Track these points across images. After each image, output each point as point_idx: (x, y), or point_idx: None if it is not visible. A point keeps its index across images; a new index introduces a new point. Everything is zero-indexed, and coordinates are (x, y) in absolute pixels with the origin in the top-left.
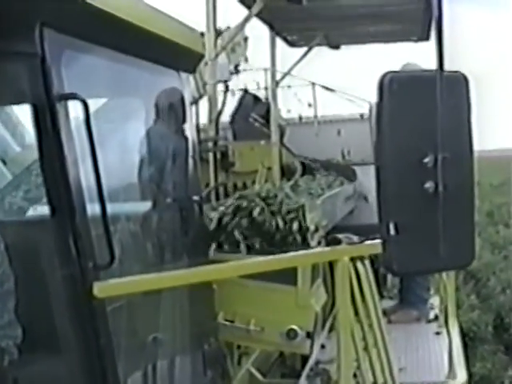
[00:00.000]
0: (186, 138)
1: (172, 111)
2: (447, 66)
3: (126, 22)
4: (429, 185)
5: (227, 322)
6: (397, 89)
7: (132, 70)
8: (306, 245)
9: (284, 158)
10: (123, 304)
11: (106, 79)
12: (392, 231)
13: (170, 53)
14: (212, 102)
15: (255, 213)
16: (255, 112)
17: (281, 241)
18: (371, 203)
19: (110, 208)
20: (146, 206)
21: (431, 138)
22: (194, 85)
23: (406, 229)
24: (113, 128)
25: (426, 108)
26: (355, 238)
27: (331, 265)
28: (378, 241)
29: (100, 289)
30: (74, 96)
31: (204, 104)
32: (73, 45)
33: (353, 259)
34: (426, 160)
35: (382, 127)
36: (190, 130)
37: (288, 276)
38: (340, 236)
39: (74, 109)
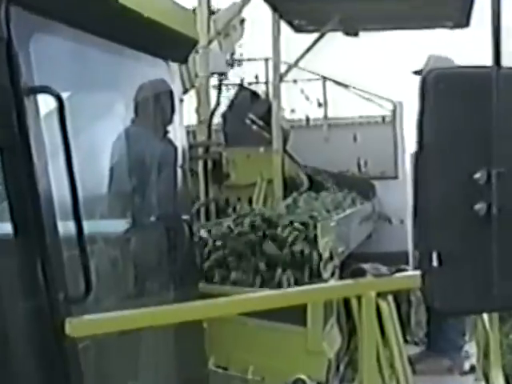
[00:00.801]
0: (173, 143)
1: (158, 110)
2: (505, 62)
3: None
4: (480, 206)
5: (220, 369)
6: (444, 89)
7: (112, 58)
8: (317, 276)
9: (287, 168)
10: (99, 344)
11: (82, 69)
12: (434, 262)
13: (158, 38)
14: (203, 99)
15: (253, 237)
16: (253, 112)
17: (287, 271)
18: (395, 226)
19: (86, 227)
20: (127, 225)
21: (484, 149)
22: (180, 77)
23: (452, 259)
24: (85, 129)
25: (479, 112)
26: (384, 269)
27: (346, 302)
28: (414, 273)
29: (73, 326)
30: (45, 90)
31: (191, 101)
32: (44, 26)
33: (379, 294)
34: (477, 176)
35: (424, 135)
36: (178, 134)
37: (295, 314)
38: (366, 266)
39: (46, 105)
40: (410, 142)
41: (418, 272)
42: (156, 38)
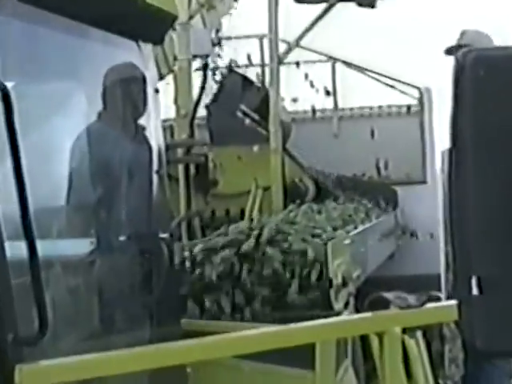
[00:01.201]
0: (147, 143)
1: (128, 102)
2: None
3: None
4: None
5: None
6: (484, 74)
7: (71, 39)
8: (327, 307)
9: (288, 172)
10: None
11: (33, 53)
12: (474, 290)
13: (126, 14)
14: (183, 88)
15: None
16: (245, 102)
17: (289, 302)
18: (423, 242)
19: (40, 249)
20: (90, 246)
21: None
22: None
23: (496, 287)
24: (38, 127)
25: None
26: (411, 299)
27: (364, 339)
28: (449, 303)
29: (24, 374)
30: None
31: (169, 90)
32: None
33: (404, 330)
34: None
35: (460, 129)
36: (153, 131)
37: (301, 355)
38: (388, 295)
39: None
40: (441, 138)
41: (453, 302)
42: (124, 13)
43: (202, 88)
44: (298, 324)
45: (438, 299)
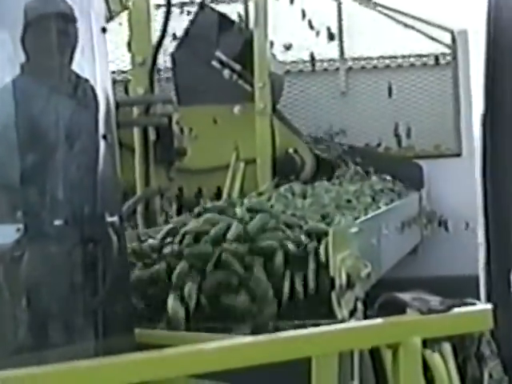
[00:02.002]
0: (89, 100)
1: (61, 45)
2: None
3: None
4: None
5: None
6: None
7: None
8: (327, 313)
9: (279, 140)
10: None
11: None
12: None
13: None
14: (140, 28)
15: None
16: (222, 48)
17: (277, 306)
18: (456, 233)
19: None
20: (13, 233)
21: None
22: None
23: None
24: None
25: None
26: (434, 301)
27: (374, 352)
28: (484, 307)
29: None
30: None
31: (122, 32)
32: None
33: (425, 342)
34: None
35: (497, 88)
36: (99, 84)
37: (293, 373)
38: (405, 296)
39: None
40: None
41: (488, 306)
42: None
43: (165, 29)
44: (287, 333)
45: (472, 304)
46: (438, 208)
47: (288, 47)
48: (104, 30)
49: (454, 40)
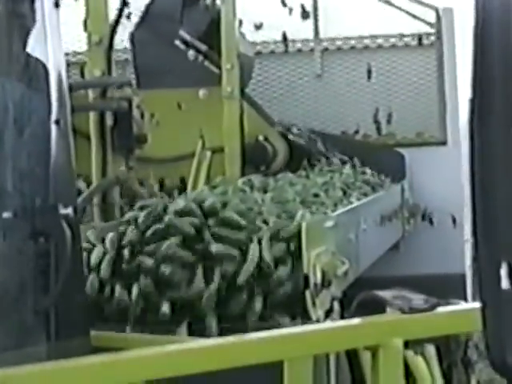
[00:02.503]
0: (41, 81)
1: (9, 22)
2: None
3: None
4: None
5: None
6: None
7: None
8: (301, 314)
9: (249, 127)
10: None
11: None
12: (505, 283)
13: None
14: (95, 4)
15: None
16: (187, 26)
17: (246, 306)
18: (441, 228)
19: None
20: None
21: None
22: None
23: None
24: None
25: None
26: (417, 300)
27: (349, 355)
28: (471, 305)
29: None
30: None
31: (77, 8)
32: None
33: (407, 344)
34: None
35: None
36: (52, 65)
37: (261, 379)
38: (385, 294)
39: None
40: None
41: (475, 304)
42: None
43: (123, 4)
44: (257, 334)
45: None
46: (422, 200)
47: (258, 26)
48: (57, 4)
49: (438, 18)
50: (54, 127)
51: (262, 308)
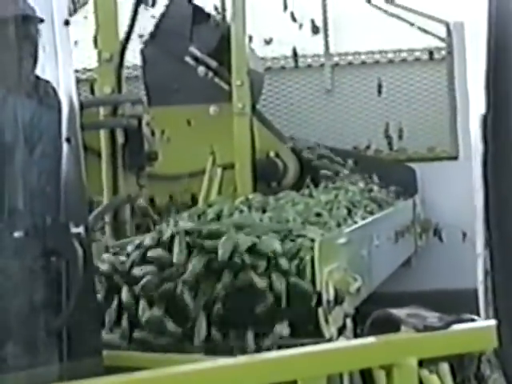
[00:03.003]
0: (51, 100)
1: (14, 39)
2: None
3: None
4: None
5: None
6: None
7: None
8: (313, 332)
9: (259, 143)
10: None
11: None
12: None
13: None
14: (106, 21)
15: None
16: (197, 42)
17: (257, 323)
18: (452, 244)
19: None
20: None
21: None
22: None
23: None
24: None
25: None
26: (432, 318)
27: (363, 374)
28: (485, 323)
29: None
30: None
31: (87, 25)
32: None
33: (421, 362)
34: None
35: (498, 85)
36: (63, 83)
37: None
38: (399, 313)
39: None
40: (478, 95)
41: (491, 322)
42: None
43: (133, 21)
44: (270, 354)
45: (472, 320)
46: (434, 216)
47: (268, 42)
48: (67, 22)
49: (449, 33)
50: (64, 145)
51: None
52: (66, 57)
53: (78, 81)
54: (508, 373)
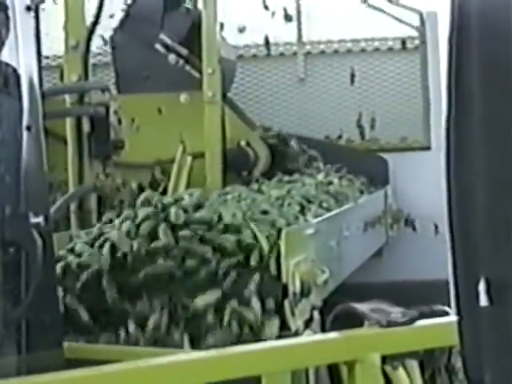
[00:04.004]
0: (9, 87)
1: None
2: None
3: None
4: None
5: None
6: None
7: None
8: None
9: (230, 132)
10: None
11: None
12: (483, 298)
13: None
14: (74, 7)
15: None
16: (167, 30)
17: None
18: (425, 235)
19: None
20: None
21: None
22: None
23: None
24: None
25: None
26: (395, 313)
27: (331, 369)
28: (447, 319)
29: None
30: None
31: (56, 12)
32: None
33: (385, 358)
34: None
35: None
36: (24, 69)
37: None
38: (362, 307)
39: None
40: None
41: (453, 318)
42: None
43: (100, 8)
44: (233, 349)
45: (444, 314)
46: (405, 206)
47: (240, 30)
48: (29, 8)
49: (422, 22)
50: (25, 133)
51: None
52: (28, 43)
53: (48, 68)
54: (469, 372)
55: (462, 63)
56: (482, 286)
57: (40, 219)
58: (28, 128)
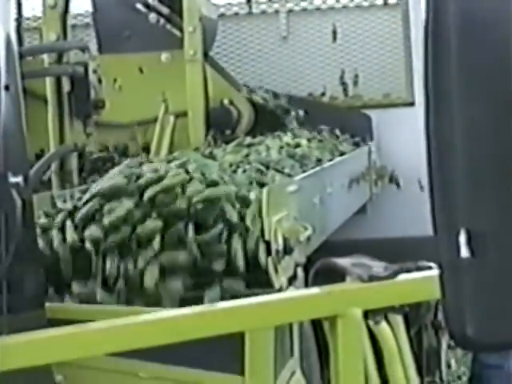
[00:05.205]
0: None
1: None
2: None
3: None
4: None
5: None
6: None
7: None
8: (261, 282)
9: (212, 90)
10: None
11: None
12: (464, 251)
13: None
14: None
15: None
16: None
17: (203, 274)
18: (408, 192)
19: None
20: None
21: None
22: None
23: (494, 247)
24: None
25: None
26: (377, 267)
27: (315, 324)
28: (430, 273)
29: None
30: None
31: None
32: None
33: (367, 313)
34: None
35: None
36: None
37: (222, 352)
38: (343, 262)
39: None
40: None
41: (435, 271)
42: None
43: None
44: (216, 305)
45: (425, 269)
46: (389, 163)
47: None
48: None
49: None
50: (3, 93)
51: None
52: (3, 3)
53: (28, 29)
54: (451, 326)
55: (440, 15)
56: (462, 238)
57: (19, 179)
58: (6, 87)
